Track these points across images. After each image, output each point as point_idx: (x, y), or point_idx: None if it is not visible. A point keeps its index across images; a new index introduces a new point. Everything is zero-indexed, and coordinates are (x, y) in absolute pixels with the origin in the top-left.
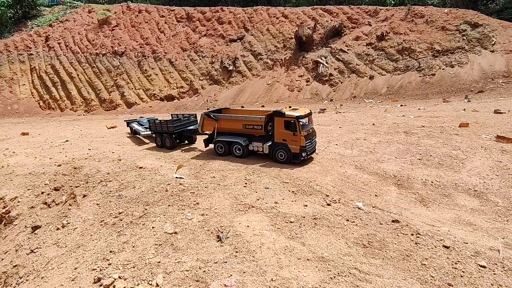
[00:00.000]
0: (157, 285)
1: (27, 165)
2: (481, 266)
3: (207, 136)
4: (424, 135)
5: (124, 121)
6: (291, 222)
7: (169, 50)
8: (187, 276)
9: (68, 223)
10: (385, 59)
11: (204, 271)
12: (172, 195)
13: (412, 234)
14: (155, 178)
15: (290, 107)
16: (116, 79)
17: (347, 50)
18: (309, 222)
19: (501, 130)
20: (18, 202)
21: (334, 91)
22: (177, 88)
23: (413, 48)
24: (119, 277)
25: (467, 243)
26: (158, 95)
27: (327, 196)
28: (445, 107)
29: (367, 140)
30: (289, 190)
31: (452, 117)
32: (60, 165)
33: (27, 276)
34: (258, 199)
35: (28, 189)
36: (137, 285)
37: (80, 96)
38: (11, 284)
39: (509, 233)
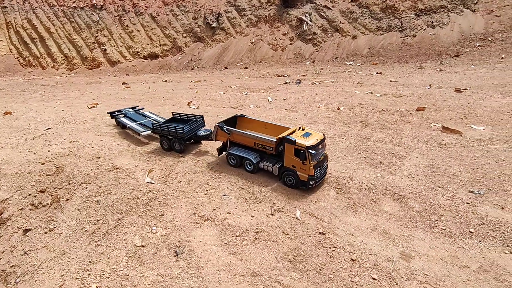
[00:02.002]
0: None
1: (14, 162)
2: (372, 278)
3: (220, 145)
4: (378, 126)
5: (108, 113)
6: (236, 236)
7: (150, 4)
8: None
9: (54, 227)
10: (369, 18)
11: (162, 286)
12: (142, 204)
13: (330, 248)
14: (129, 182)
15: (303, 129)
16: (97, 36)
17: (332, 6)
18: (251, 236)
19: (452, 115)
20: (9, 203)
21: (317, 51)
22: (160, 45)
23: (397, 6)
24: (97, 287)
25: (371, 255)
26: (141, 53)
27: (274, 203)
28: (415, 79)
29: (324, 132)
30: (243, 197)
31: (415, 96)
32: (44, 164)
33: (23, 276)
34: (215, 209)
35: (16, 191)
36: None
37: (61, 53)
38: (11, 282)
39: (411, 241)
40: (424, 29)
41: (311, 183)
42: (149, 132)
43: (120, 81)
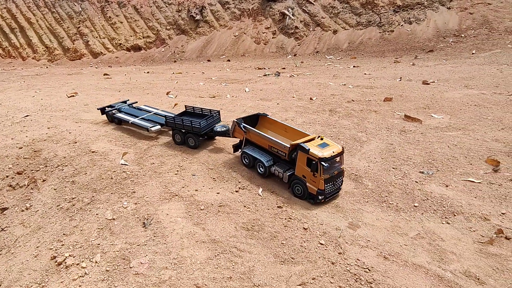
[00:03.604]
0: (96, 262)
1: None
2: (320, 243)
3: (237, 142)
4: (345, 114)
5: (98, 109)
6: (201, 209)
7: None
8: (117, 256)
9: (31, 206)
10: (349, 13)
11: (129, 252)
12: (115, 183)
13: (286, 219)
14: (104, 164)
15: (321, 138)
16: (79, 27)
17: (314, 1)
18: (214, 209)
19: (416, 106)
20: None
21: (298, 45)
22: (143, 37)
23: (376, 2)
24: (69, 255)
25: (322, 225)
26: (124, 45)
27: (239, 182)
28: (388, 73)
29: (294, 121)
30: (211, 177)
31: (385, 88)
32: (22, 148)
33: (1, 251)
34: (183, 187)
35: None
36: (82, 261)
37: (42, 44)
38: None
39: (360, 214)
40: (402, 25)
41: (320, 197)
42: (158, 127)
43: (102, 72)
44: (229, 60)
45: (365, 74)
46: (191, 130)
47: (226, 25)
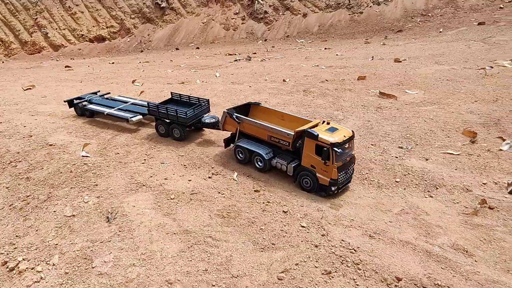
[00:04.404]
0: (53, 264)
1: None
2: (302, 226)
3: (229, 135)
4: (319, 94)
5: (65, 101)
6: (171, 199)
7: None
8: (77, 255)
9: None
10: None
11: (91, 250)
12: (75, 177)
13: (264, 203)
14: (62, 157)
15: (327, 123)
16: (37, 18)
17: None
18: (186, 197)
19: (390, 83)
20: None
21: (268, 30)
22: (107, 27)
23: None
24: (23, 259)
25: (302, 207)
26: (86, 36)
27: (212, 168)
28: (360, 53)
29: (267, 103)
30: (182, 164)
31: (358, 67)
32: None
33: None
34: (152, 176)
35: None
36: (37, 265)
37: None
38: None
39: (341, 193)
40: (370, 6)
41: (333, 189)
42: (140, 117)
43: (63, 65)
44: (198, 48)
45: (337, 55)
46: (176, 120)
47: (194, 12)
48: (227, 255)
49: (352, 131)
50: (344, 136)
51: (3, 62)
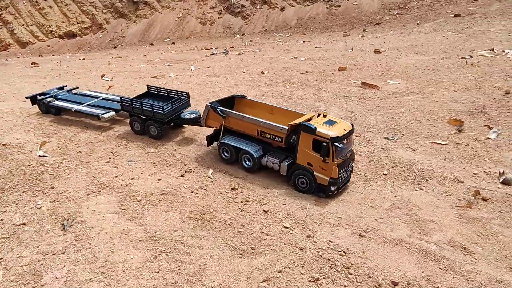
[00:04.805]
0: None
1: None
2: (284, 227)
3: (211, 132)
4: (300, 85)
5: (27, 97)
6: (138, 201)
7: None
8: (25, 271)
9: None
10: None
11: (42, 264)
12: (29, 179)
13: (242, 202)
14: (16, 158)
15: (324, 116)
16: (1, 14)
17: None
18: (154, 199)
19: (371, 73)
20: None
21: (246, 24)
22: (77, 23)
23: None
24: None
25: (284, 205)
26: (56, 32)
27: (185, 165)
28: (339, 45)
29: (246, 94)
30: (151, 162)
31: (337, 58)
32: None
33: None
34: (117, 176)
35: None
36: None
37: None
38: None
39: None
40: None
41: (332, 189)
42: (112, 113)
43: (30, 62)
44: (174, 43)
45: (316, 47)
46: (153, 116)
47: (169, 6)
48: (201, 263)
49: (352, 124)
50: (344, 130)
51: None
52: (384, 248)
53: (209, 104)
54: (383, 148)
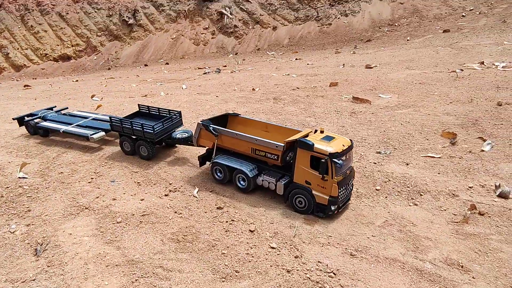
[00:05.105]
0: None
1: None
2: (271, 247)
3: (203, 151)
4: (290, 101)
5: (14, 119)
6: (118, 222)
7: (57, 2)
8: None
9: None
10: (287, 9)
11: None
12: (5, 202)
13: (227, 221)
14: None
15: (321, 131)
16: None
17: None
18: (135, 220)
19: (362, 88)
20: None
21: (239, 44)
22: (72, 46)
23: None
24: None
25: (272, 224)
26: (50, 55)
27: (170, 184)
28: (331, 61)
29: (235, 111)
30: (135, 181)
31: (329, 74)
32: None
33: None
34: (98, 197)
35: None
36: None
37: None
38: None
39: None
40: (339, 18)
41: (332, 208)
42: (102, 133)
43: (23, 84)
44: (167, 63)
45: (307, 64)
46: (143, 136)
47: (162, 28)
48: None
49: (351, 140)
50: (343, 146)
51: None
52: (377, 268)
53: (201, 122)
54: (375, 163)
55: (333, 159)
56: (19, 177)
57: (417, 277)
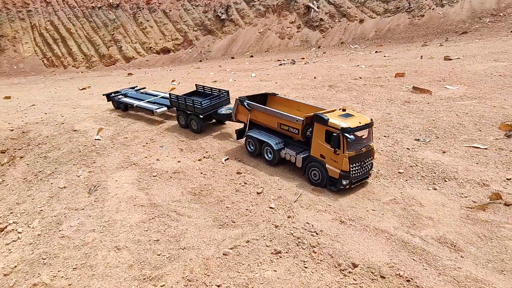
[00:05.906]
0: (33, 227)
1: None
2: (270, 207)
3: (241, 126)
4: (345, 88)
5: (104, 95)
6: (153, 176)
7: (163, 0)
8: (53, 220)
9: (3, 180)
10: (376, 0)
11: (65, 216)
12: (80, 156)
13: (240, 184)
14: (79, 140)
15: (344, 110)
16: (113, 34)
17: None
18: (167, 176)
19: (430, 79)
20: None
21: (323, 37)
22: (172, 40)
23: None
24: (14, 222)
25: (280, 189)
26: (154, 48)
27: (206, 152)
28: (410, 54)
29: (288, 96)
30: (179, 148)
31: (400, 66)
32: (13, 130)
33: None
34: (146, 157)
35: None
36: (21, 227)
37: (81, 53)
38: None
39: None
40: (433, 8)
41: (344, 182)
42: (164, 108)
43: (127, 73)
44: (252, 56)
45: (384, 56)
46: (193, 110)
47: (251, 23)
48: (183, 229)
49: (371, 119)
50: (360, 122)
51: (81, 72)
52: (361, 235)
53: (238, 98)
54: (408, 148)
55: (345, 133)
56: (95, 139)
57: (398, 247)
